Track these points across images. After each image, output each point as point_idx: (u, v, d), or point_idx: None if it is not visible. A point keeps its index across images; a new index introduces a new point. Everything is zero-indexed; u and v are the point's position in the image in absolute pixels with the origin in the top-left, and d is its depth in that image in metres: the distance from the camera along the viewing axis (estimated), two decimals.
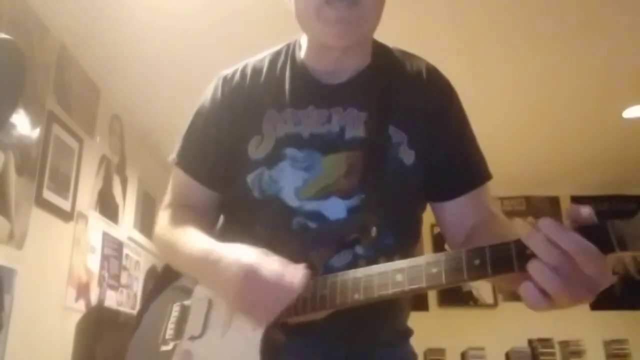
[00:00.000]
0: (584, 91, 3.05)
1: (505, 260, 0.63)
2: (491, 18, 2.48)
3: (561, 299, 0.59)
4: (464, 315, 4.16)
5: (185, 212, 0.99)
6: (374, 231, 0.84)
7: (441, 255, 0.69)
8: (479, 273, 0.65)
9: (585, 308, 4.39)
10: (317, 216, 0.87)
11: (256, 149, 0.93)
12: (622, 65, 2.75)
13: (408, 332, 1.00)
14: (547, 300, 0.60)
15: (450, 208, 0.95)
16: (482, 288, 4.42)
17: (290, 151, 0.91)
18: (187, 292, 0.95)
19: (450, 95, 0.99)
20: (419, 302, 4.15)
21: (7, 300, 1.96)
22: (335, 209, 0.88)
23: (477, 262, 0.65)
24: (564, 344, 4.12)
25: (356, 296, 0.74)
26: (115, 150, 3.10)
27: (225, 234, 0.96)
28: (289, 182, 0.90)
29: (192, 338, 0.88)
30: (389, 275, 0.72)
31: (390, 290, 0.71)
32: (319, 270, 0.81)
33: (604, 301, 4.34)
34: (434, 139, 0.93)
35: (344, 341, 0.88)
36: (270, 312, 0.77)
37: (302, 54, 0.99)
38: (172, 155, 1.04)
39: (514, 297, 4.36)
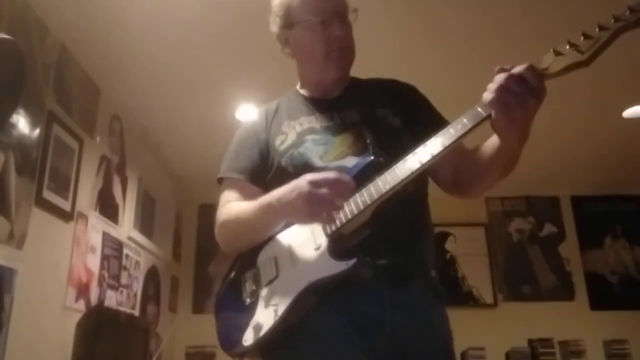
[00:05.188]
0: (584, 91, 3.05)
1: (475, 114, 0.97)
2: (494, 17, 2.49)
3: (513, 104, 0.93)
4: (463, 315, 4.11)
5: (239, 202, 1.23)
6: (384, 159, 1.08)
7: (436, 135, 1.00)
8: (465, 131, 0.97)
9: (585, 308, 4.40)
10: (341, 169, 1.10)
11: (283, 142, 1.22)
12: (622, 65, 2.75)
13: (443, 294, 1.18)
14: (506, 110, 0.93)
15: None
16: (482, 288, 4.43)
17: (310, 136, 1.20)
18: (251, 265, 1.15)
19: (413, 87, 1.34)
20: None
21: (7, 300, 1.96)
22: (354, 163, 1.11)
23: (459, 126, 0.98)
24: (564, 344, 4.11)
25: (387, 186, 0.99)
26: (115, 150, 3.10)
27: None
28: (313, 152, 1.17)
29: (270, 281, 1.09)
30: (405, 162, 1.00)
31: (407, 172, 0.99)
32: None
33: (604, 301, 4.38)
34: (410, 108, 1.26)
35: (387, 254, 1.06)
36: (339, 201, 1.00)
37: (301, 91, 1.35)
38: (220, 174, 1.29)
39: (514, 297, 4.38)
